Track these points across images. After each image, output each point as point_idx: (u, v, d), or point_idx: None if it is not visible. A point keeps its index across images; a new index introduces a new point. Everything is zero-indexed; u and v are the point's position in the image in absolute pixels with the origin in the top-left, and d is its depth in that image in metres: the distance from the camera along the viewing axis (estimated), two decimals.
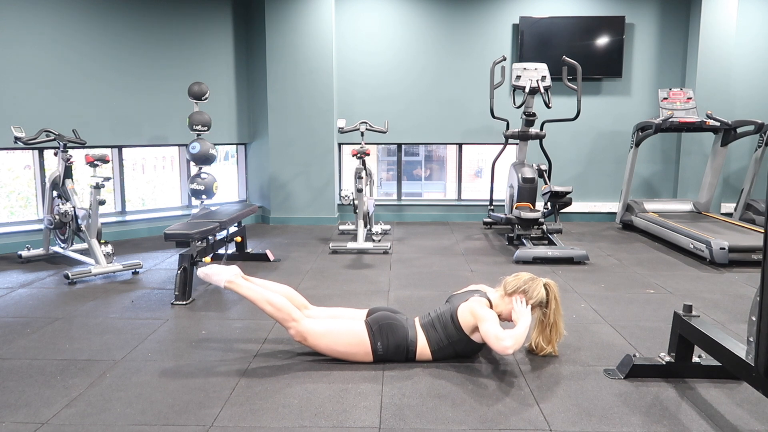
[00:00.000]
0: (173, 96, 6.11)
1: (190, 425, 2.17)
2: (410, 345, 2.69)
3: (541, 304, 2.72)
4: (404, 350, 2.69)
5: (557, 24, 6.71)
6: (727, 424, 2.18)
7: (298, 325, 2.67)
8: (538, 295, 2.70)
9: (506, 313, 2.74)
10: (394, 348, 2.68)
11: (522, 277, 2.77)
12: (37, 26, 5.27)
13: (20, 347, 2.94)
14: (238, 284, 2.78)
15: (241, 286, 2.78)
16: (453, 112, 6.97)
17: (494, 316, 2.64)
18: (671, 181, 7.04)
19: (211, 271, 2.81)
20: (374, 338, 2.66)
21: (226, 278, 2.78)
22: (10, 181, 6.42)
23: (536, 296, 2.70)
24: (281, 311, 2.69)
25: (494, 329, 2.54)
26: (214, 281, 2.80)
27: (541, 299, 2.71)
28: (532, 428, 2.15)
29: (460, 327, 2.66)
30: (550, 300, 2.73)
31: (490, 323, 2.57)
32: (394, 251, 5.27)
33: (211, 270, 2.82)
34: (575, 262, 4.78)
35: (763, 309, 1.90)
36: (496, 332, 2.52)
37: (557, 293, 2.75)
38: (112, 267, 4.39)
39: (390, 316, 2.74)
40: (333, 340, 2.67)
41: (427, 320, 2.78)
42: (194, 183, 5.69)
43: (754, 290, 3.28)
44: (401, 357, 2.70)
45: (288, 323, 2.69)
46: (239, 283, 2.78)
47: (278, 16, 6.53)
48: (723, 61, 6.55)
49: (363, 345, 2.67)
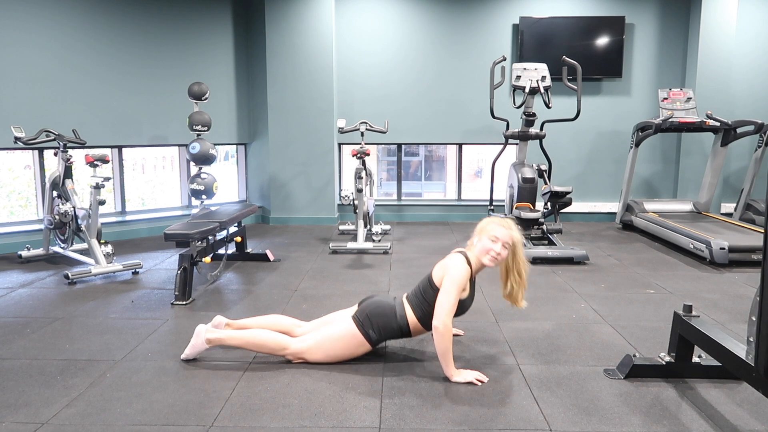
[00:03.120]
0: (173, 96, 6.11)
1: (190, 425, 2.17)
2: (401, 321, 2.69)
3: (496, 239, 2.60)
4: (397, 328, 2.69)
5: (557, 24, 6.71)
6: (727, 424, 2.18)
7: (290, 349, 2.70)
8: (491, 229, 2.62)
9: (478, 264, 2.67)
10: (386, 330, 2.69)
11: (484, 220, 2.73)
12: (37, 26, 5.27)
13: (20, 347, 2.94)
14: (218, 338, 2.76)
15: (223, 339, 2.75)
16: (453, 112, 6.97)
17: (461, 276, 2.56)
18: (671, 181, 7.04)
19: (192, 343, 2.78)
20: (364, 328, 2.67)
21: (204, 338, 2.76)
22: (10, 181, 6.42)
23: (489, 230, 2.62)
24: (268, 345, 2.72)
25: (449, 295, 2.52)
26: (198, 349, 2.77)
27: (493, 233, 2.60)
28: (532, 428, 2.15)
29: (435, 285, 2.63)
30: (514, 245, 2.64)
31: (451, 282, 2.54)
32: (394, 251, 5.27)
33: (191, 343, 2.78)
34: (575, 262, 4.78)
35: (763, 309, 1.90)
36: (447, 300, 2.51)
37: (516, 238, 2.65)
38: (112, 267, 4.39)
39: (374, 302, 2.75)
40: (328, 347, 2.69)
41: (411, 292, 2.78)
42: (194, 183, 5.69)
43: (754, 290, 3.28)
44: (396, 335, 2.72)
45: (281, 353, 2.71)
46: (219, 336, 2.76)
47: (278, 16, 6.53)
48: (723, 61, 6.55)
49: (356, 338, 2.67)
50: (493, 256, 2.61)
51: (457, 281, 2.55)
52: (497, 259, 2.62)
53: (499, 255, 2.61)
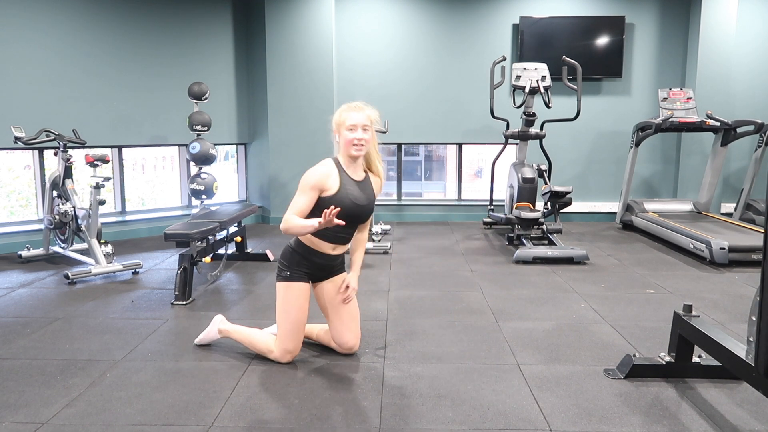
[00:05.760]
0: (173, 96, 6.11)
1: (190, 425, 2.17)
2: (294, 244, 2.67)
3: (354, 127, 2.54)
4: (293, 251, 2.66)
5: (557, 24, 6.71)
6: (727, 424, 2.18)
7: (273, 350, 2.71)
8: (346, 118, 2.55)
9: (348, 160, 2.61)
10: (289, 258, 2.66)
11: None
12: (37, 26, 5.27)
13: (20, 347, 2.94)
14: (227, 330, 2.89)
15: (230, 332, 2.89)
16: (453, 112, 6.97)
17: (306, 178, 2.55)
18: (671, 181, 7.04)
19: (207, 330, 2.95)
20: (280, 275, 2.67)
21: (217, 327, 2.92)
22: (10, 181, 6.42)
23: (344, 120, 2.55)
24: (257, 347, 2.79)
25: (295, 196, 2.55)
26: (210, 336, 2.93)
27: (349, 122, 2.54)
28: (532, 428, 2.15)
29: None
30: (373, 123, 2.60)
31: (299, 184, 2.56)
32: (394, 251, 5.27)
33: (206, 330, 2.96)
34: (575, 262, 4.78)
35: (763, 309, 1.90)
36: (293, 201, 2.53)
37: (373, 115, 2.60)
38: (112, 267, 4.38)
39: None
40: (281, 318, 2.67)
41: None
42: (194, 183, 5.69)
43: (754, 290, 3.28)
44: (298, 258, 2.66)
45: (269, 356, 2.74)
46: (228, 328, 2.90)
47: (278, 16, 6.53)
48: (723, 61, 6.54)
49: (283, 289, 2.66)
50: (357, 145, 2.55)
51: (301, 183, 2.55)
52: (363, 146, 2.56)
53: (363, 140, 2.55)
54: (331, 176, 2.57)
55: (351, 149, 2.56)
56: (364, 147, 2.58)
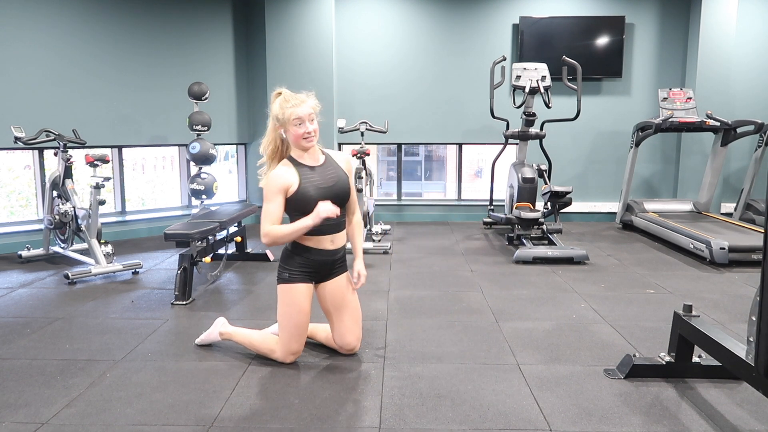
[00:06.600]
0: (173, 96, 6.10)
1: (190, 425, 2.17)
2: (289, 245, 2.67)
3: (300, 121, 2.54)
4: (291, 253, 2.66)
5: (557, 24, 6.71)
6: (727, 424, 2.18)
7: (275, 351, 2.71)
8: (290, 114, 2.53)
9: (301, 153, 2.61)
10: (288, 261, 2.66)
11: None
12: (37, 26, 5.27)
13: (20, 347, 2.94)
14: (229, 332, 2.89)
15: (232, 334, 2.88)
16: (453, 112, 6.97)
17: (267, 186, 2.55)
18: (671, 181, 7.03)
19: (208, 331, 2.95)
20: (280, 278, 2.67)
21: (219, 330, 2.91)
22: (10, 181, 6.42)
23: (288, 116, 2.54)
24: (259, 348, 2.78)
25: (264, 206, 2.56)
26: (211, 338, 2.94)
27: (293, 116, 2.53)
28: (532, 428, 2.15)
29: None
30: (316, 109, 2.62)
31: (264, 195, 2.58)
32: (394, 251, 5.27)
33: (208, 331, 2.95)
34: (575, 262, 4.78)
35: (763, 309, 1.90)
36: (263, 210, 2.56)
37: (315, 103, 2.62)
38: (112, 267, 4.39)
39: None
40: (283, 321, 2.66)
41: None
42: (194, 183, 5.69)
43: (754, 290, 3.28)
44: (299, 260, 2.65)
45: (271, 356, 2.74)
46: (230, 331, 2.90)
47: (278, 16, 6.53)
48: (723, 61, 6.54)
49: (284, 291, 2.65)
50: (308, 138, 2.55)
51: (265, 193, 2.56)
52: (314, 136, 2.56)
53: (313, 131, 2.55)
54: (289, 173, 2.58)
55: (302, 143, 2.57)
56: (315, 137, 2.59)
